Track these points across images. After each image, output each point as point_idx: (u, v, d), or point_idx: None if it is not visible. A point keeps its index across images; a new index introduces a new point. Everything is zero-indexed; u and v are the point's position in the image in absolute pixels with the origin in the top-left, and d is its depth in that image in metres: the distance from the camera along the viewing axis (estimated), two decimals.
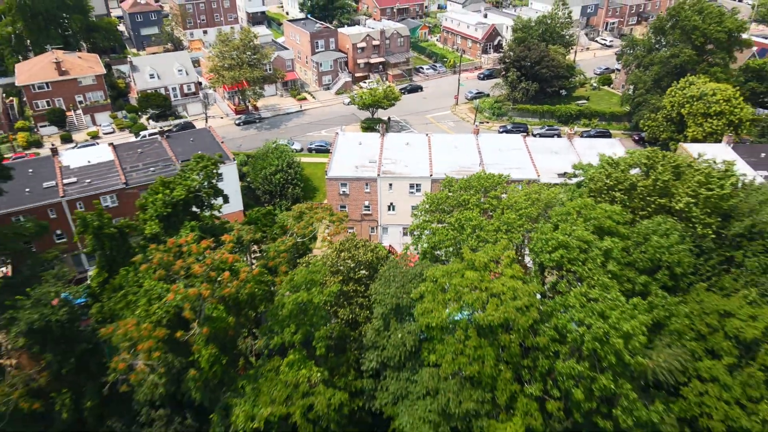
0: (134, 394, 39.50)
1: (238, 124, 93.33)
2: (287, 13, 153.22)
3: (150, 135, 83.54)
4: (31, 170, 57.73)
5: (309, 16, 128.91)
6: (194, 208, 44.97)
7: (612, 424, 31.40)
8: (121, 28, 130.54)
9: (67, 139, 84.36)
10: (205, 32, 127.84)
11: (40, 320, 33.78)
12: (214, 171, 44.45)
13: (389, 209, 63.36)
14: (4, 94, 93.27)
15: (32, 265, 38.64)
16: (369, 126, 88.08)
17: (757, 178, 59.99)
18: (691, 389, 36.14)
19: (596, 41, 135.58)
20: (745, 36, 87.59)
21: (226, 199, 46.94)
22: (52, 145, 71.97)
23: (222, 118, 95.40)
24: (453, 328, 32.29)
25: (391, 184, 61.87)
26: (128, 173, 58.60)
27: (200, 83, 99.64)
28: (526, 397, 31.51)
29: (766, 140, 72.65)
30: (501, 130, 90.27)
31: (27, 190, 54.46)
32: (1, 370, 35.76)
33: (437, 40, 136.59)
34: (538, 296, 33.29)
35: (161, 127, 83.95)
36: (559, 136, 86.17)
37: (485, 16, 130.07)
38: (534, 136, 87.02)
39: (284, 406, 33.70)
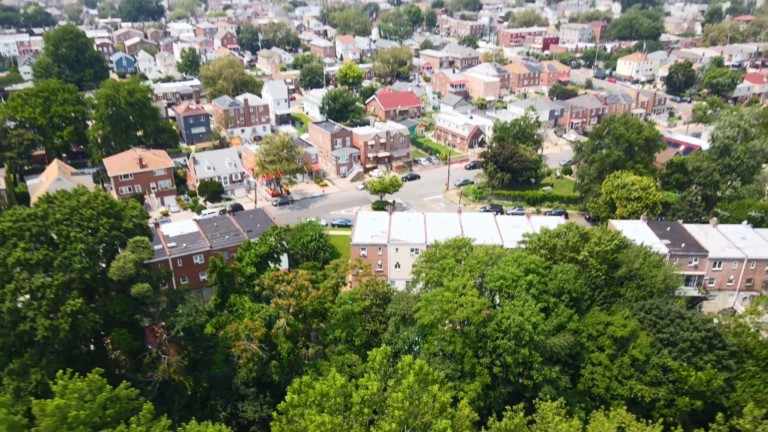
0: (233, 378, 61.02)
1: (275, 205, 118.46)
2: (307, 113, 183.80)
3: (209, 213, 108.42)
4: None
5: (328, 117, 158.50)
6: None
7: (531, 382, 53.08)
8: (174, 126, 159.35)
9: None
10: (242, 131, 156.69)
11: (189, 323, 56.11)
12: (284, 236, 68.27)
13: (396, 267, 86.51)
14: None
15: (173, 293, 61.14)
16: (379, 207, 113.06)
17: (661, 245, 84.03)
18: (587, 370, 58.14)
19: (563, 137, 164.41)
20: (675, 136, 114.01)
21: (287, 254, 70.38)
22: (155, 220, 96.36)
23: (266, 200, 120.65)
24: (437, 326, 54.71)
25: (397, 249, 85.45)
26: (211, 240, 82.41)
27: (243, 173, 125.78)
28: (481, 366, 53.38)
29: (676, 218, 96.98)
30: (482, 210, 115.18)
31: None
32: (158, 357, 57.51)
33: (432, 136, 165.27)
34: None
35: (219, 208, 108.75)
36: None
37: (471, 117, 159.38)
38: (508, 215, 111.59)
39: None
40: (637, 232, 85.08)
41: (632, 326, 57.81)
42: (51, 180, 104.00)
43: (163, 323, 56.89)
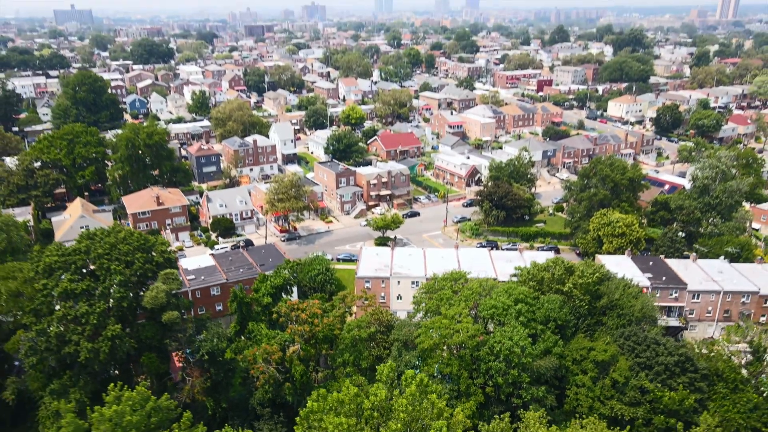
0: (250, 399, 66.74)
1: (283, 241, 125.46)
2: (312, 153, 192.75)
3: (221, 248, 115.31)
4: None
5: (332, 157, 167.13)
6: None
7: (521, 401, 58.97)
8: (187, 165, 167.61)
9: None
10: (251, 170, 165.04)
11: (213, 348, 62.31)
12: (297, 269, 75.00)
13: (398, 299, 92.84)
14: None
15: (197, 321, 67.47)
16: (381, 242, 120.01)
17: (643, 278, 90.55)
18: (571, 391, 64.03)
19: (556, 176, 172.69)
20: (661, 175, 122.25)
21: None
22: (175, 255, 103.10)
23: (275, 236, 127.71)
24: (436, 350, 60.93)
25: (399, 281, 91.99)
26: (227, 273, 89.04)
27: (253, 210, 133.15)
28: (475, 386, 59.36)
29: (659, 253, 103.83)
30: (478, 245, 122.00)
31: None
32: (183, 379, 63.44)
33: (431, 175, 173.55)
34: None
35: (231, 243, 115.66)
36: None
37: (468, 157, 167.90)
38: (502, 250, 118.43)
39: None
40: (621, 266, 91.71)
41: (613, 351, 63.97)
42: (75, 217, 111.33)
43: (188, 349, 63.08)
